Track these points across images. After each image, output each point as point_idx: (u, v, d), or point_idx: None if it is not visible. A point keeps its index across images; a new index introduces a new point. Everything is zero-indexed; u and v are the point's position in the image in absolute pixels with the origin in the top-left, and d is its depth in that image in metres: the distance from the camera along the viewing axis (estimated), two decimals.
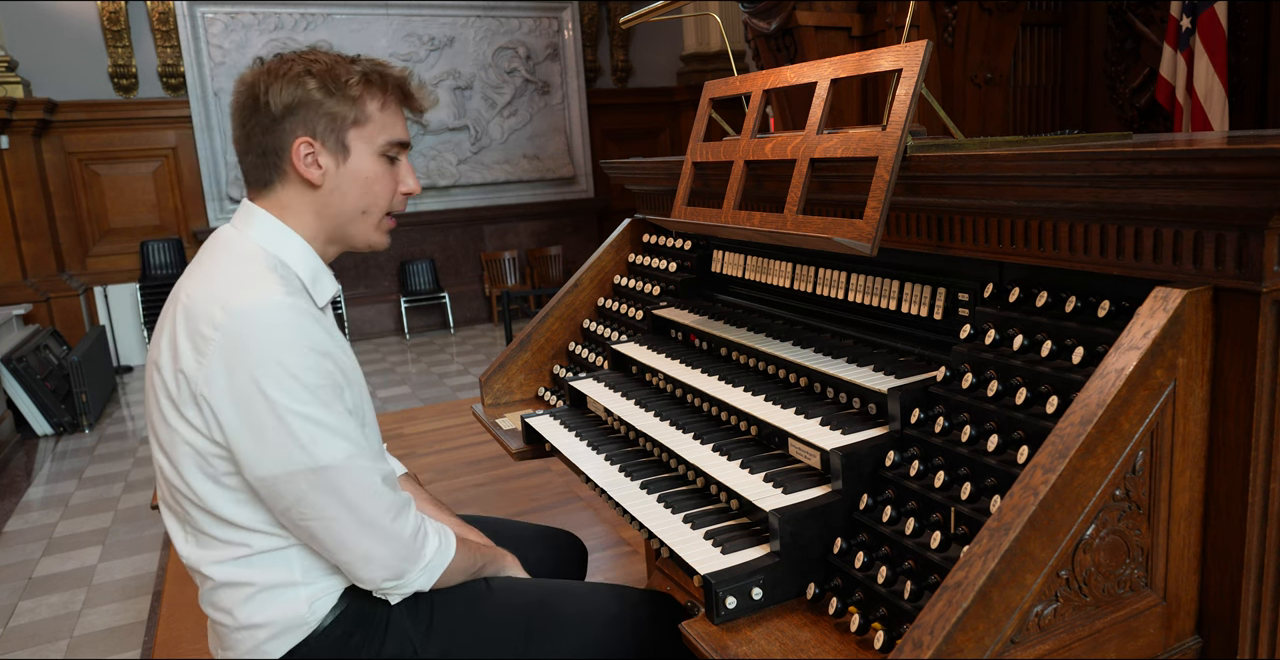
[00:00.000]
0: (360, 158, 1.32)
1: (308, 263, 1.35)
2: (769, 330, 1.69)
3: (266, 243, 1.31)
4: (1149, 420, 1.01)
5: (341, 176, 1.32)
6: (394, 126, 1.35)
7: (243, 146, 1.33)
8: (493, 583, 1.46)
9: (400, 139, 1.36)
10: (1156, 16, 4.66)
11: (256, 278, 1.24)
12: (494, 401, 2.27)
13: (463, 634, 1.38)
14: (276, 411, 1.17)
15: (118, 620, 3.09)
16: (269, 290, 1.21)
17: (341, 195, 1.33)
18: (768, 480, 1.32)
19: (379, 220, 1.39)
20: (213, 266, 1.28)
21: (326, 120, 1.29)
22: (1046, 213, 1.18)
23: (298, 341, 1.19)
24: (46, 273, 6.77)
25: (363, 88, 1.30)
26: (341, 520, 1.23)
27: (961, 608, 0.90)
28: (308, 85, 1.27)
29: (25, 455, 5.22)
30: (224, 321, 1.18)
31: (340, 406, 1.23)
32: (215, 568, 1.29)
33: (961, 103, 4.44)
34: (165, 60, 7.47)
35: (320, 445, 1.20)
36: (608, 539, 3.41)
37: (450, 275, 8.75)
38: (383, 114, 1.33)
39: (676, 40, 9.31)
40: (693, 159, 1.82)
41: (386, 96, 1.33)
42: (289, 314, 1.20)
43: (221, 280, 1.24)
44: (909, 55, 1.31)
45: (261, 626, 1.30)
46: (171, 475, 1.27)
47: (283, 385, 1.17)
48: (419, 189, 1.42)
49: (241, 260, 1.28)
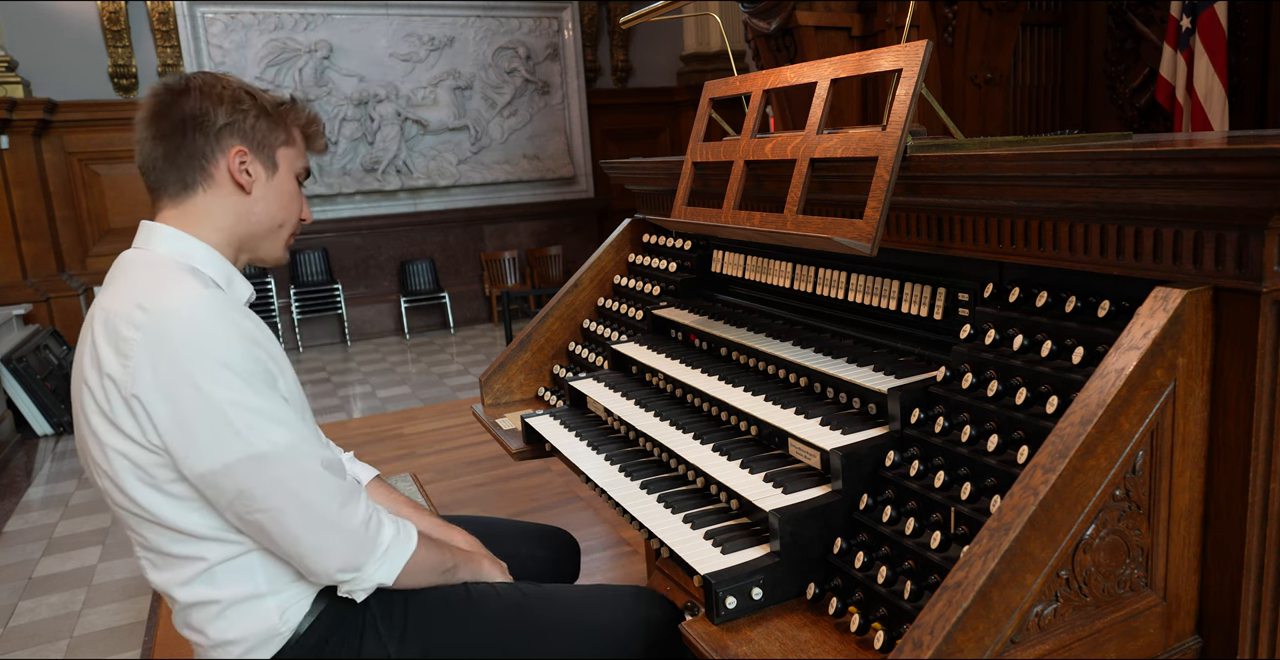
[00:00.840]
0: (284, 175, 1.42)
1: (219, 267, 1.35)
2: (769, 330, 1.69)
3: (173, 253, 1.32)
4: (1149, 420, 1.01)
5: (269, 188, 1.39)
6: (304, 156, 1.47)
7: (164, 152, 1.32)
8: (471, 587, 1.44)
9: (307, 168, 1.48)
10: (1156, 16, 4.66)
11: (170, 279, 1.24)
12: (494, 401, 2.27)
13: (439, 637, 1.36)
14: (209, 401, 1.16)
15: (118, 620, 3.09)
16: (185, 286, 1.22)
17: (266, 205, 1.39)
18: (768, 480, 1.32)
19: (289, 236, 1.46)
20: (122, 280, 1.27)
21: (262, 135, 1.37)
22: (1046, 213, 1.18)
23: (224, 330, 1.19)
24: (46, 273, 6.77)
25: (291, 115, 1.42)
26: (287, 510, 1.21)
27: (961, 608, 0.90)
28: (244, 103, 1.35)
29: (25, 455, 5.22)
30: (143, 320, 1.17)
31: (274, 394, 1.22)
32: (181, 589, 1.28)
33: (961, 103, 4.44)
34: (165, 60, 7.47)
35: (257, 432, 1.18)
36: (608, 539, 3.41)
37: (450, 275, 8.75)
38: (300, 142, 1.45)
39: (676, 40, 9.31)
40: (693, 159, 1.82)
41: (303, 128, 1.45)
42: (210, 303, 1.20)
43: (135, 286, 1.23)
44: (909, 55, 1.31)
45: (235, 642, 1.29)
46: (117, 495, 1.24)
47: (213, 375, 1.16)
48: (311, 217, 1.52)
49: (151, 268, 1.28)
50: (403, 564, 1.33)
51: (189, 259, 1.32)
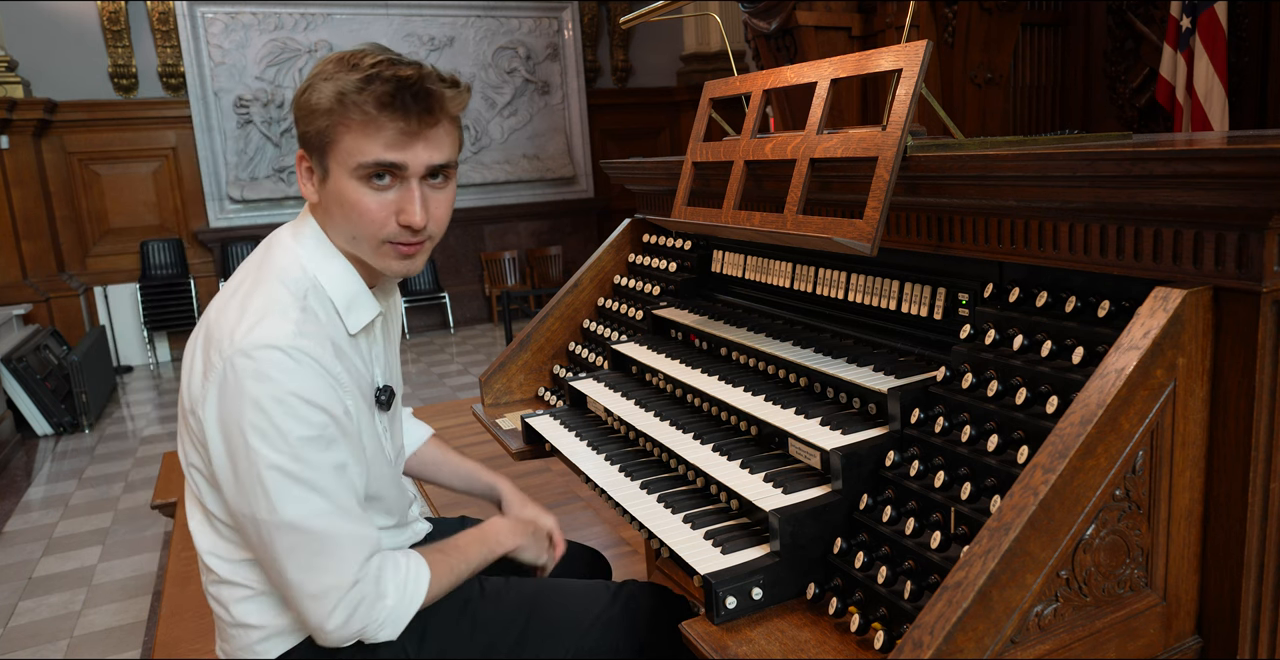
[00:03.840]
0: (337, 181, 1.21)
1: (345, 286, 1.28)
2: (769, 330, 1.69)
3: (309, 259, 1.27)
4: (1149, 420, 1.01)
5: (328, 196, 1.23)
6: (369, 148, 1.17)
7: None
8: (485, 584, 1.45)
9: (375, 160, 1.18)
10: (1156, 16, 4.66)
11: (276, 308, 1.19)
12: (494, 401, 2.27)
13: (456, 636, 1.37)
14: (252, 457, 1.14)
15: (118, 620, 3.09)
16: (280, 329, 1.16)
17: (331, 216, 1.25)
18: (768, 480, 1.32)
19: (377, 247, 1.25)
20: (244, 281, 1.26)
21: (316, 136, 1.20)
22: (1046, 213, 1.18)
23: (290, 390, 1.14)
24: (46, 273, 6.77)
25: (335, 102, 1.17)
26: (290, 583, 1.19)
27: (961, 608, 0.90)
28: (309, 96, 1.19)
29: (25, 455, 5.22)
30: (229, 353, 1.15)
31: (324, 460, 1.17)
32: (220, 563, 1.29)
33: (961, 103, 4.44)
34: (165, 60, 7.47)
35: (285, 500, 1.15)
36: (608, 539, 3.41)
37: (450, 275, 8.75)
38: (356, 134, 1.18)
39: (676, 40, 9.31)
40: (693, 159, 1.82)
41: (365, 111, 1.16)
42: (291, 359, 1.14)
43: (245, 305, 1.20)
44: (909, 55, 1.31)
45: (255, 628, 1.30)
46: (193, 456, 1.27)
47: (264, 433, 1.13)
48: (420, 221, 1.22)
49: (268, 279, 1.23)
50: (407, 619, 1.29)
51: (319, 270, 1.26)
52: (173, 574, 2.28)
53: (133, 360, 7.55)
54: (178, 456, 3.32)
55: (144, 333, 7.47)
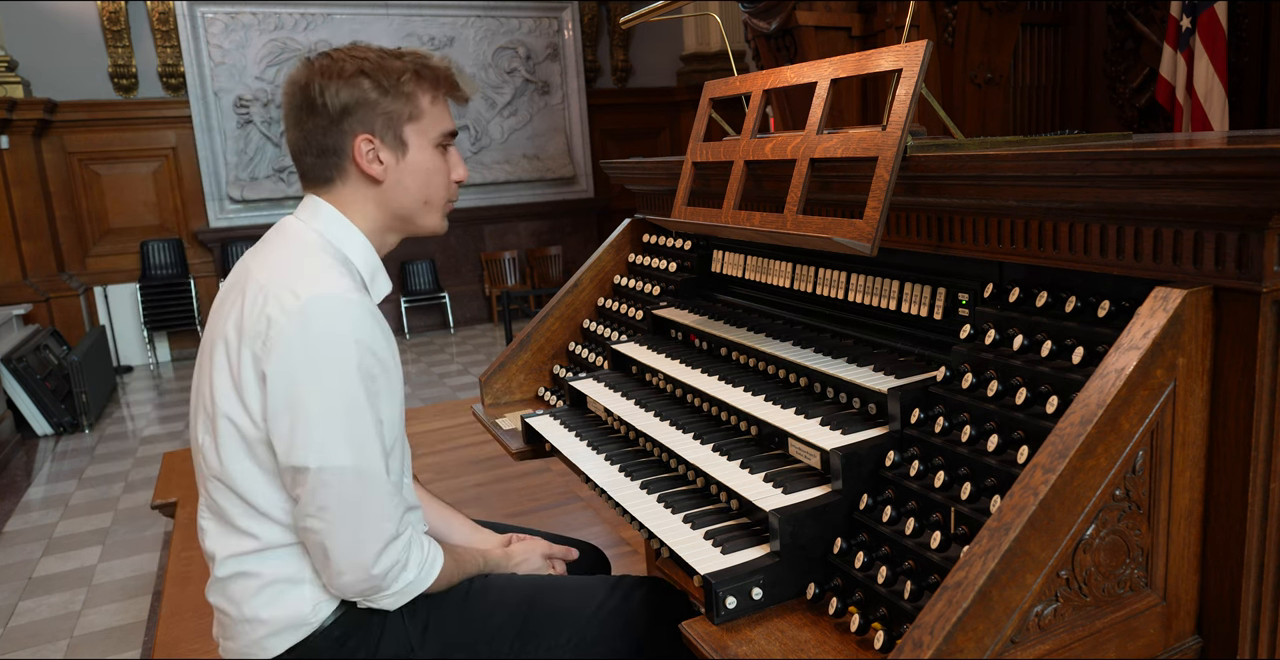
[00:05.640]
0: (418, 151, 1.37)
1: (368, 260, 1.38)
2: (769, 330, 1.69)
3: (331, 236, 1.35)
4: (1149, 420, 1.01)
5: (402, 171, 1.36)
6: (444, 118, 1.39)
7: (300, 147, 1.35)
8: (487, 580, 1.46)
9: (450, 129, 1.40)
10: (1156, 16, 4.66)
11: (328, 268, 1.27)
12: (494, 401, 2.27)
13: (458, 632, 1.38)
14: (311, 404, 1.19)
15: (118, 620, 3.09)
16: (340, 284, 1.24)
17: (404, 189, 1.37)
18: (768, 480, 1.32)
19: (443, 205, 1.43)
20: (283, 252, 1.31)
21: (384, 118, 1.32)
22: (1046, 213, 1.18)
23: (357, 337, 1.21)
24: (46, 273, 6.77)
25: (414, 84, 1.34)
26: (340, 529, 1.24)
27: (961, 608, 0.90)
28: (363, 85, 1.30)
29: (25, 455, 5.22)
30: (294, 307, 1.20)
31: (370, 417, 1.23)
32: (230, 559, 1.31)
33: (961, 103, 4.44)
34: (165, 60, 7.48)
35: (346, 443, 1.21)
36: (608, 539, 3.41)
37: (450, 275, 8.75)
38: (433, 107, 1.37)
39: (676, 40, 9.31)
40: (693, 159, 1.82)
41: (436, 90, 1.37)
42: (358, 307, 1.23)
43: (293, 267, 1.26)
44: (909, 55, 1.31)
45: (264, 622, 1.31)
46: (211, 456, 1.29)
47: (324, 381, 1.19)
48: (467, 175, 1.46)
49: (310, 250, 1.31)
50: (411, 597, 1.35)
51: (343, 245, 1.35)
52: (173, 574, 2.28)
53: (133, 360, 7.55)
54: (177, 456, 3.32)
55: (144, 333, 7.47)
